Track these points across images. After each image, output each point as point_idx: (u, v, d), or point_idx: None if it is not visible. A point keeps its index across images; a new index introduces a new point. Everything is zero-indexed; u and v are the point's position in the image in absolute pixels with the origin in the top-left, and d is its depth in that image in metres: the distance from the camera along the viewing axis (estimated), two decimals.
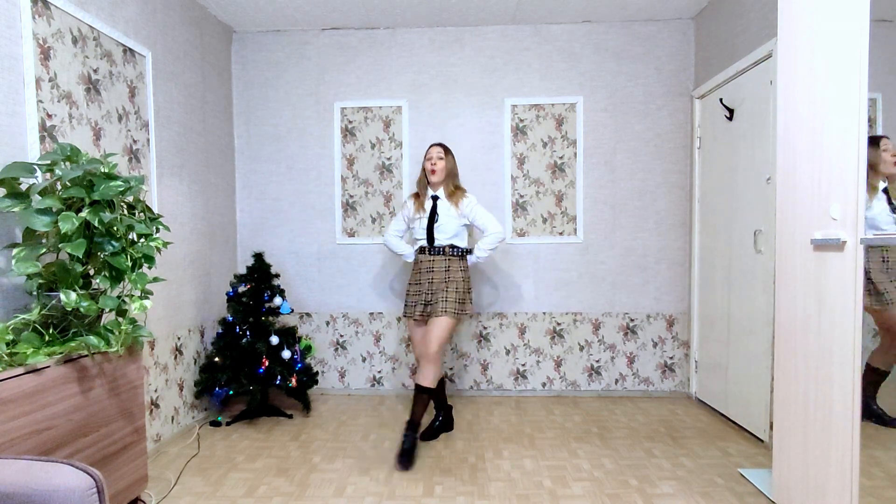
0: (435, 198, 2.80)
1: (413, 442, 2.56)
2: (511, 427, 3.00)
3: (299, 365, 3.11)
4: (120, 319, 1.88)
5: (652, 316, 3.56)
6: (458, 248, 2.77)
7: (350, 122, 3.61)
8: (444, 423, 2.93)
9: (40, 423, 1.60)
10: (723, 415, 3.10)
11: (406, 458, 2.48)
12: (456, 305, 2.67)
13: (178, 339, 2.92)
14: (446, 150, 2.81)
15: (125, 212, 1.88)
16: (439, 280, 2.72)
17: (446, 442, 2.79)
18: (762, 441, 2.70)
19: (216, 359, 2.99)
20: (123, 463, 1.96)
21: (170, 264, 2.80)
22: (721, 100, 3.06)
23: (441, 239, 2.75)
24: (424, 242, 2.79)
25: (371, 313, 3.65)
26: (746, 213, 2.84)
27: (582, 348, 3.59)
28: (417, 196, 2.86)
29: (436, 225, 2.75)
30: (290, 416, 3.17)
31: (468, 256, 2.82)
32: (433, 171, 2.76)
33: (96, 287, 1.86)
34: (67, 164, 1.83)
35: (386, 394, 3.65)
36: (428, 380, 2.62)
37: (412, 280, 2.81)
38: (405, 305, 2.80)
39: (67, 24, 2.13)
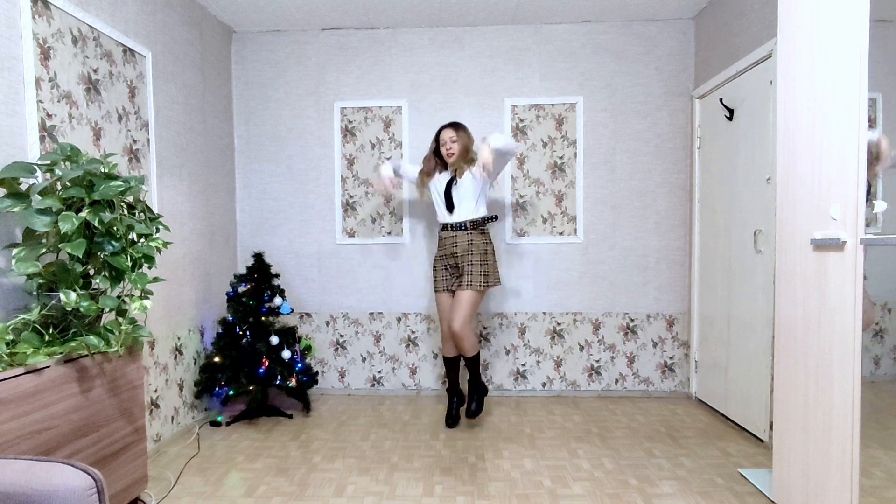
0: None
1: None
2: (511, 427, 3.00)
3: (299, 365, 3.11)
4: (120, 319, 1.88)
5: (652, 316, 3.56)
6: (478, 221, 2.87)
7: (350, 122, 3.61)
8: (460, 401, 3.03)
9: (40, 423, 1.60)
10: (723, 415, 3.10)
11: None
12: (481, 279, 2.81)
13: (178, 339, 2.92)
14: (458, 128, 2.86)
15: (125, 212, 1.88)
16: (463, 253, 2.84)
17: (446, 442, 2.79)
18: (762, 441, 2.71)
19: (216, 359, 2.99)
20: (123, 463, 1.96)
21: (170, 264, 2.80)
22: (721, 100, 3.06)
23: (463, 212, 2.84)
24: (445, 218, 2.89)
25: (371, 313, 3.65)
26: (746, 213, 2.84)
27: (582, 348, 3.59)
28: (426, 175, 2.97)
29: (454, 189, 2.83)
30: (290, 416, 3.17)
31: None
32: (450, 156, 2.85)
33: (96, 287, 1.86)
34: (67, 164, 1.83)
35: (386, 394, 3.65)
36: (465, 349, 2.84)
37: (437, 256, 2.98)
38: (434, 280, 2.98)
39: (67, 24, 2.13)
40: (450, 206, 2.87)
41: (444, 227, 2.93)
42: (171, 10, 2.86)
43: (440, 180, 2.94)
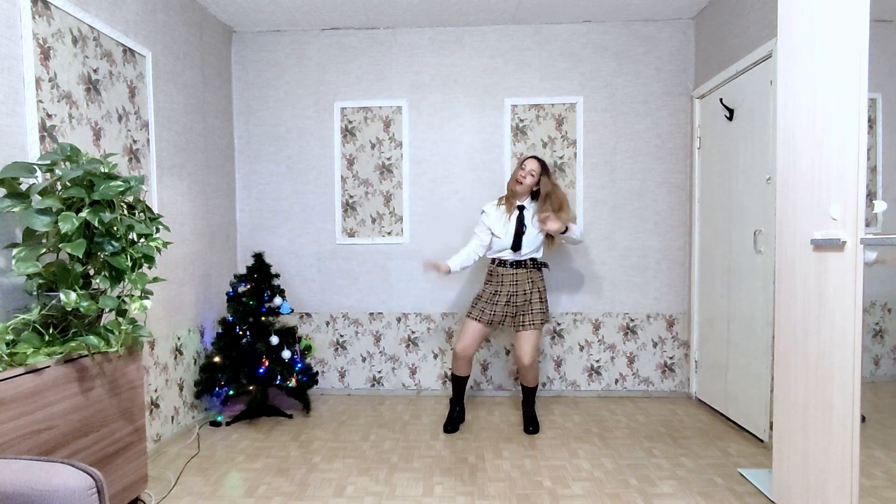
0: (521, 207, 2.91)
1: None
2: (511, 427, 3.00)
3: (299, 365, 3.11)
4: (120, 319, 1.88)
5: (652, 316, 3.56)
6: (537, 261, 2.93)
7: (350, 122, 3.61)
8: (461, 414, 3.05)
9: (40, 423, 1.60)
10: (723, 415, 3.10)
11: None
12: (541, 316, 2.90)
13: (178, 339, 2.92)
14: (544, 169, 2.87)
15: (125, 212, 1.88)
16: (523, 293, 2.87)
17: (446, 442, 2.79)
18: (762, 441, 2.71)
19: (216, 359, 2.99)
20: (123, 463, 1.96)
21: (170, 264, 2.80)
22: (721, 100, 3.06)
23: (528, 250, 2.87)
24: (505, 255, 2.89)
25: (371, 313, 3.66)
26: (746, 213, 2.84)
27: (582, 348, 3.59)
28: (507, 201, 2.94)
29: (525, 229, 2.86)
30: (290, 416, 3.17)
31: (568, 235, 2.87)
32: (519, 182, 2.85)
33: (96, 287, 1.86)
34: (67, 164, 1.83)
35: (386, 394, 3.65)
36: (531, 381, 2.97)
37: (491, 290, 2.92)
38: (476, 308, 2.92)
39: (67, 24, 2.13)
40: (517, 244, 2.85)
41: (502, 263, 2.90)
42: (171, 10, 2.86)
43: (511, 217, 2.91)
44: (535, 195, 2.92)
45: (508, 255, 2.88)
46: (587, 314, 3.58)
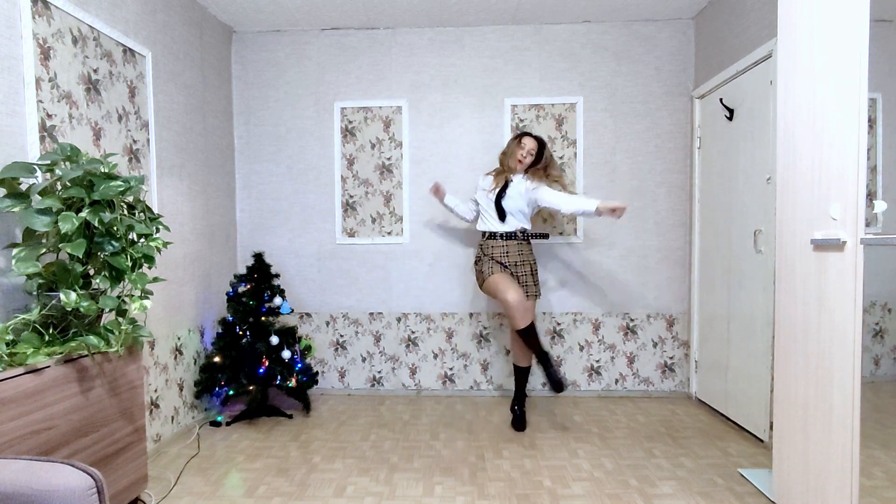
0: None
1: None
2: (511, 427, 3.00)
3: (299, 365, 3.11)
4: (120, 319, 1.88)
5: (652, 316, 3.56)
6: (527, 232, 2.95)
7: (350, 122, 3.61)
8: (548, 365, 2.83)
9: (40, 423, 1.60)
10: (723, 415, 3.10)
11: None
12: (535, 289, 2.93)
13: (178, 339, 2.92)
14: (543, 147, 2.93)
15: (125, 212, 1.88)
16: (514, 264, 2.89)
17: (446, 442, 2.79)
18: (762, 441, 2.71)
19: (216, 359, 3.00)
20: (123, 463, 1.96)
21: (170, 264, 2.80)
22: (721, 100, 3.06)
23: (514, 221, 2.90)
24: (493, 227, 2.91)
25: (371, 313, 3.65)
26: (746, 213, 2.84)
27: (582, 348, 3.59)
28: (497, 176, 2.97)
29: (503, 201, 2.87)
30: (290, 416, 3.17)
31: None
32: (519, 162, 2.91)
33: (96, 287, 1.86)
34: (67, 164, 1.83)
35: (386, 394, 3.65)
36: (524, 359, 3.04)
37: (482, 257, 2.94)
38: (480, 273, 2.91)
39: (67, 24, 2.13)
40: (501, 215, 2.87)
41: (492, 235, 2.92)
42: (171, 10, 2.86)
43: (495, 189, 2.94)
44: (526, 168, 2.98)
45: (496, 227, 2.90)
46: (587, 314, 3.58)
